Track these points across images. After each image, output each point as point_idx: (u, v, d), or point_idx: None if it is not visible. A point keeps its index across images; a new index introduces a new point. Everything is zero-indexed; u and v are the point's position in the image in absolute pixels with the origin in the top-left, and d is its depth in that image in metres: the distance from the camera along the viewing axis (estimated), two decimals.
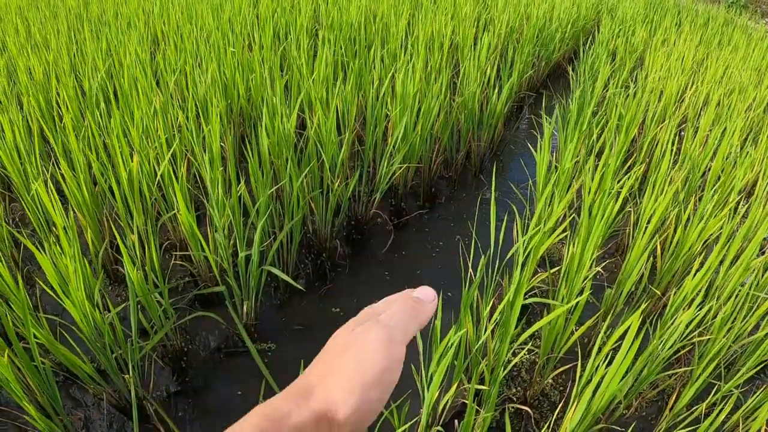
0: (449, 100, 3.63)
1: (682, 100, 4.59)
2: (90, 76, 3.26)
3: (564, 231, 2.61)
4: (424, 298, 0.52)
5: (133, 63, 3.35)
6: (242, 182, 2.39)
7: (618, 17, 6.94)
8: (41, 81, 3.40)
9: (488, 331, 1.76)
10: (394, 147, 2.88)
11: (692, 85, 4.66)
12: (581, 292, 2.16)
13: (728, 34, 6.94)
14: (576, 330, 2.12)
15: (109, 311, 2.06)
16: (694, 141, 3.40)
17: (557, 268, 2.70)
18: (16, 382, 1.40)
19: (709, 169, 3.28)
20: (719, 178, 3.20)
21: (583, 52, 5.43)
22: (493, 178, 2.22)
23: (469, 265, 2.16)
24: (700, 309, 2.06)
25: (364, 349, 0.45)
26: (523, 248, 2.19)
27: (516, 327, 2.05)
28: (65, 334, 1.97)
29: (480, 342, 1.74)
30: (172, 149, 2.40)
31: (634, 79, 5.12)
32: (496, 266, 2.12)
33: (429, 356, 1.70)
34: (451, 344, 1.51)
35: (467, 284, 1.75)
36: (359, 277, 2.98)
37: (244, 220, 2.70)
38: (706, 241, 2.62)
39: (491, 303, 1.98)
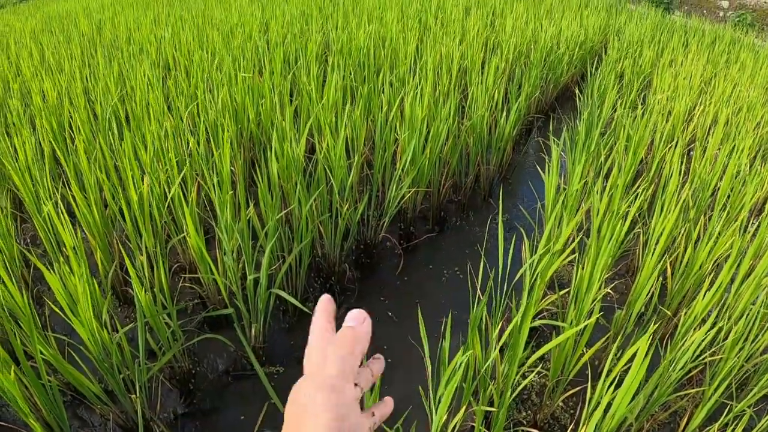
0: (458, 124, 3.67)
1: (691, 120, 4.60)
2: (102, 100, 3.34)
3: (573, 253, 2.62)
4: (355, 323, 0.55)
5: (145, 88, 3.42)
6: (251, 206, 2.43)
7: (625, 39, 7.00)
8: (54, 104, 3.48)
9: (496, 353, 1.77)
10: (402, 171, 2.91)
11: (700, 105, 4.67)
12: (591, 314, 2.16)
13: (735, 52, 6.97)
14: (586, 352, 2.12)
15: (118, 331, 2.09)
16: (703, 160, 3.41)
17: (566, 290, 2.70)
18: (23, 400, 1.43)
19: (719, 188, 3.28)
20: (729, 197, 3.20)
21: (591, 73, 5.48)
22: (500, 202, 2.24)
23: (478, 287, 2.18)
24: (712, 328, 2.06)
25: (308, 413, 0.47)
26: (531, 271, 2.20)
27: (525, 349, 2.06)
28: (74, 354, 2.00)
29: (488, 364, 1.75)
30: (182, 173, 2.45)
31: (642, 99, 5.15)
32: (505, 289, 2.14)
33: (437, 378, 1.70)
34: (460, 365, 1.52)
35: (475, 306, 1.76)
36: (368, 301, 2.99)
37: (253, 243, 2.73)
38: (716, 260, 2.61)
39: (500, 325, 1.99)
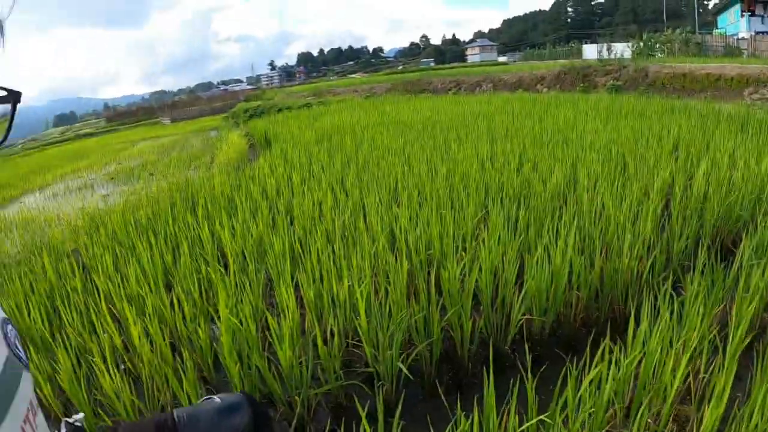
0: (597, 268, 4.39)
1: None
2: (283, 235, 4.84)
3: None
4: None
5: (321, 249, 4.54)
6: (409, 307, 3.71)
7: None
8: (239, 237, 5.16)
9: None
10: (520, 303, 3.94)
11: None
12: None
13: None
14: None
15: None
16: None
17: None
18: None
19: None
20: None
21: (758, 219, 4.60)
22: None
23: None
24: None
25: None
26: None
27: None
28: (275, 375, 3.39)
29: None
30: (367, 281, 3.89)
31: None
32: None
33: None
34: None
35: None
36: (479, 397, 3.82)
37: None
38: None
39: None
